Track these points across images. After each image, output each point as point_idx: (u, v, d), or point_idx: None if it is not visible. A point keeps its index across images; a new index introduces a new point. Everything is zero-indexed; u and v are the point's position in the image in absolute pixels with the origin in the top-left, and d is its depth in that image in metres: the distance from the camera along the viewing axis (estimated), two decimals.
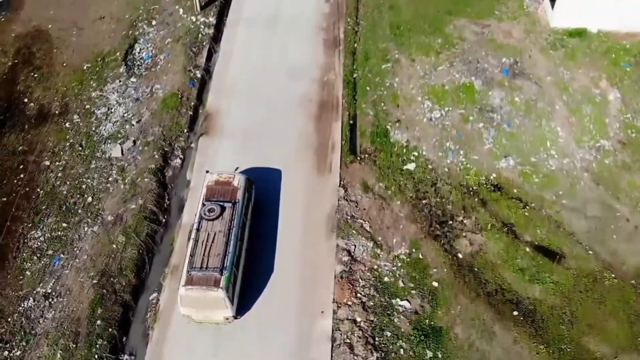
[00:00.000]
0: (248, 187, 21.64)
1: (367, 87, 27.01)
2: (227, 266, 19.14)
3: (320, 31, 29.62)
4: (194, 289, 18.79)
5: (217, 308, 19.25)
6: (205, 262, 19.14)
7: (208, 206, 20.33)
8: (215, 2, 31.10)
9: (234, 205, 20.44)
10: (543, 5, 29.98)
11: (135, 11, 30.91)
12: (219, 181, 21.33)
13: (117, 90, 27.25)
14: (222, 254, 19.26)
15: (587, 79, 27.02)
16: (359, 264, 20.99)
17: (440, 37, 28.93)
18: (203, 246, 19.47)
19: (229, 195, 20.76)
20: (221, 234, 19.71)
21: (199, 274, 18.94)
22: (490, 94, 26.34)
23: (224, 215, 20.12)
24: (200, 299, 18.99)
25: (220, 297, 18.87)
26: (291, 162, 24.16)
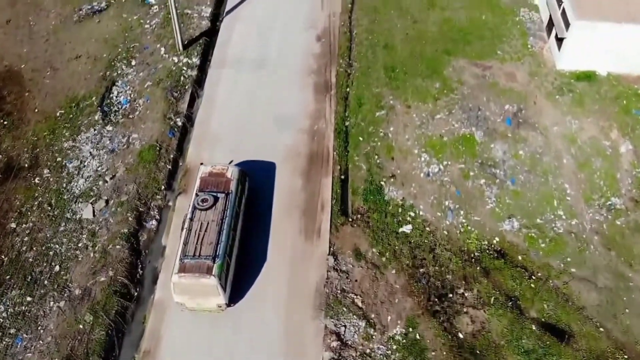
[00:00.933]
0: (241, 179, 21.87)
1: (359, 138, 25.13)
2: (219, 254, 19.40)
3: (311, 74, 27.70)
4: (186, 276, 19.00)
5: (209, 295, 19.40)
6: (198, 251, 19.40)
7: (201, 196, 20.64)
8: (199, 41, 29.30)
9: (227, 196, 20.74)
10: (548, 45, 28.18)
11: (114, 49, 29.02)
12: (212, 173, 21.61)
13: (92, 140, 25.34)
14: (214, 242, 19.55)
15: (596, 128, 25.20)
16: (349, 349, 19.02)
17: (438, 81, 27.07)
18: (196, 235, 19.74)
19: (222, 186, 21.07)
20: (214, 223, 19.99)
21: (192, 261, 19.18)
22: (492, 146, 24.50)
23: (217, 206, 20.41)
24: (193, 287, 19.15)
25: (213, 285, 19.05)
26: (277, 226, 22.21)
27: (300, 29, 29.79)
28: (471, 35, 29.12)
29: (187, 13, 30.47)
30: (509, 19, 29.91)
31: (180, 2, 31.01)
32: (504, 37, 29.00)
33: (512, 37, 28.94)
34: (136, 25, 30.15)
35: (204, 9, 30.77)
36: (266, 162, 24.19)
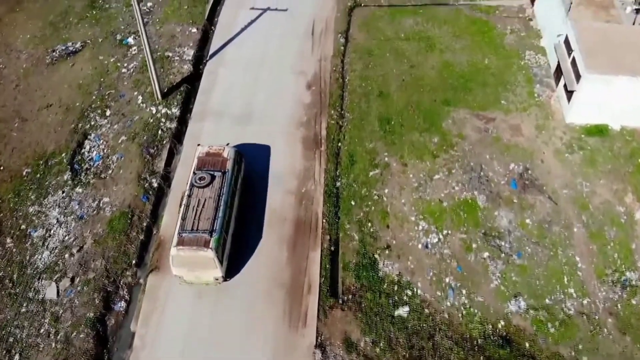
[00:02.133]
0: (237, 159, 22.68)
1: (351, 201, 23.05)
2: (216, 229, 20.09)
3: (300, 127, 25.57)
4: (184, 249, 19.69)
5: (207, 268, 20.03)
6: (196, 225, 20.09)
7: (199, 174, 21.36)
8: (179, 88, 27.22)
9: (224, 175, 21.55)
10: (557, 94, 26.12)
11: (88, 97, 26.86)
12: (209, 152, 22.39)
13: (60, 204, 23.21)
14: (211, 217, 20.27)
15: (609, 192, 23.15)
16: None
17: (437, 135, 25.02)
18: (194, 211, 20.45)
19: (219, 165, 21.88)
20: (211, 200, 20.73)
21: (190, 235, 19.89)
22: (496, 214, 22.44)
23: (213, 184, 21.18)
24: (191, 259, 19.80)
25: (210, 257, 19.72)
26: (258, 313, 19.98)
27: (289, 74, 27.66)
28: (473, 81, 27.07)
29: (167, 56, 28.37)
30: (513, 62, 27.89)
31: (160, 43, 29.11)
32: (509, 84, 26.96)
33: (517, 85, 26.89)
34: (113, 68, 28.07)
35: (186, 51, 28.67)
36: (249, 230, 22.16)
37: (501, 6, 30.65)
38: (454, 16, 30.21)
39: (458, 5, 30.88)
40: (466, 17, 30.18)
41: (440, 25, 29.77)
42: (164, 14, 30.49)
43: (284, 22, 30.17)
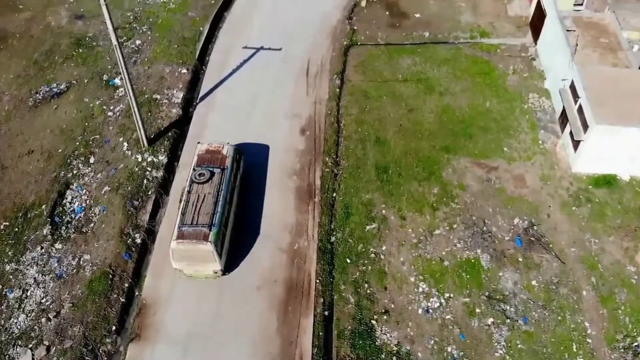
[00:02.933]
0: (236, 157, 23.23)
1: (347, 259, 21.75)
2: (215, 223, 20.56)
3: (293, 176, 24.35)
4: (184, 242, 20.13)
5: (206, 261, 20.45)
6: (196, 219, 20.55)
7: (198, 171, 21.95)
8: (167, 133, 26.10)
9: (223, 171, 22.10)
10: (562, 141, 24.97)
11: (71, 143, 25.63)
12: (209, 150, 22.98)
13: (38, 261, 21.82)
14: (211, 212, 20.77)
15: (619, 251, 21.84)
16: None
17: (437, 185, 23.82)
18: (193, 206, 20.94)
19: (218, 162, 22.44)
20: (210, 195, 21.24)
21: (190, 229, 20.32)
22: (500, 275, 21.11)
23: (213, 180, 21.68)
24: (191, 252, 20.22)
25: (209, 250, 20.12)
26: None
27: (283, 119, 26.50)
28: (474, 127, 25.91)
29: (155, 99, 27.21)
30: (516, 106, 26.76)
31: (148, 85, 27.95)
32: (512, 129, 25.82)
33: (520, 130, 25.74)
34: (98, 112, 26.90)
35: (175, 93, 27.51)
36: (237, 294, 20.78)
37: (503, 45, 29.61)
38: (454, 56, 29.15)
39: (458, 44, 29.82)
40: (466, 56, 29.12)
41: (439, 66, 28.70)
42: (152, 53, 29.39)
43: (277, 62, 29.08)
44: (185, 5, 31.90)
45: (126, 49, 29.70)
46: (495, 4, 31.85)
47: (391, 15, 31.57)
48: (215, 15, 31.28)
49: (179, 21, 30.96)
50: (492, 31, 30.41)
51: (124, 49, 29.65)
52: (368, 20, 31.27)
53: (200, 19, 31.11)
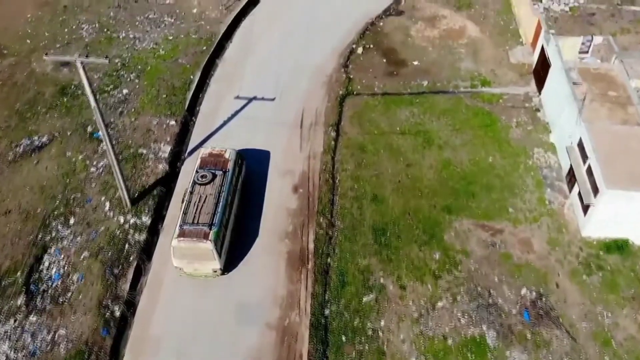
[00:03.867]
0: (238, 161, 24.02)
1: (342, 336, 20.09)
2: (216, 223, 21.25)
3: (285, 239, 22.86)
4: (185, 240, 20.83)
5: (206, 259, 21.05)
6: (197, 219, 21.30)
7: (201, 173, 22.78)
8: (151, 192, 24.70)
9: (225, 174, 22.85)
10: (570, 202, 23.65)
11: (51, 202, 24.19)
12: (212, 153, 23.86)
13: (11, 335, 20.10)
14: (211, 212, 21.50)
15: (634, 325, 20.22)
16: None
17: (439, 250, 22.36)
18: (195, 206, 21.70)
19: (220, 165, 23.23)
20: (211, 196, 21.99)
21: (191, 228, 21.06)
22: (508, 354, 19.50)
23: (215, 181, 22.49)
24: (191, 250, 20.88)
25: (209, 249, 20.79)
26: None
27: (275, 175, 25.12)
28: (476, 184, 24.57)
29: (141, 153, 25.86)
30: (520, 162, 25.41)
31: (134, 138, 26.63)
32: (516, 187, 24.45)
33: (525, 189, 24.36)
34: (80, 167, 25.50)
35: (162, 147, 26.14)
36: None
37: (505, 94, 28.43)
38: (454, 106, 27.92)
39: (458, 94, 28.62)
40: (467, 107, 27.89)
41: (438, 117, 27.42)
42: (140, 103, 28.12)
43: (271, 113, 27.81)
44: (176, 52, 30.77)
45: (113, 98, 28.49)
46: (496, 50, 30.77)
47: (388, 63, 30.45)
48: (207, 62, 30.11)
49: (169, 68, 29.77)
50: (494, 79, 29.25)
51: (111, 99, 28.58)
52: (364, 68, 30.15)
53: (191, 66, 29.92)
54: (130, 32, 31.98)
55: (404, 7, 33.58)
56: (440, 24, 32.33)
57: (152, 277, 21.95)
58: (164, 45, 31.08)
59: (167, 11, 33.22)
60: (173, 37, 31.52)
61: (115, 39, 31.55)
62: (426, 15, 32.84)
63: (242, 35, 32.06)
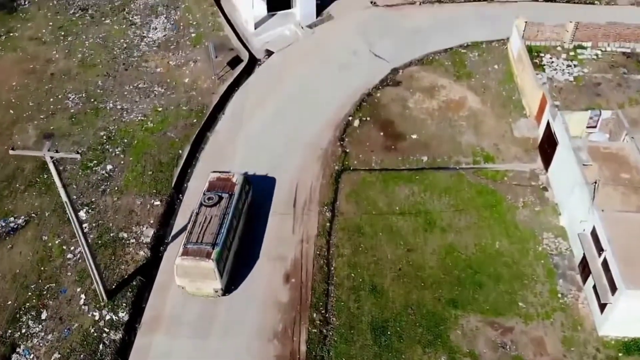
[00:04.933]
0: (245, 185, 24.65)
1: None
2: (219, 243, 21.74)
3: (273, 339, 20.67)
4: (188, 259, 21.32)
5: (207, 279, 21.44)
6: (201, 238, 21.84)
7: (208, 195, 23.45)
8: (131, 283, 22.76)
9: (231, 197, 23.50)
10: (584, 295, 21.77)
11: (23, 293, 22.20)
12: (220, 178, 24.60)
13: None
14: (215, 232, 22.04)
15: None
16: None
17: (444, 352, 20.25)
18: (200, 226, 22.27)
19: (227, 188, 23.90)
20: (217, 217, 22.57)
21: (194, 247, 21.58)
22: None
23: (220, 203, 23.08)
24: (193, 269, 21.29)
25: (211, 268, 21.19)
26: None
27: (265, 262, 23.34)
28: (483, 273, 22.75)
29: (121, 238, 24.11)
30: (529, 248, 23.66)
31: (115, 221, 24.95)
32: (526, 278, 22.61)
33: (536, 279, 22.52)
34: (57, 253, 23.72)
35: (144, 231, 24.41)
36: None
37: (510, 171, 26.88)
38: (456, 184, 26.37)
39: (459, 170, 27.11)
40: (470, 184, 26.36)
41: (440, 196, 25.84)
42: (124, 181, 26.53)
43: (261, 190, 25.94)
44: (165, 124, 29.39)
45: (96, 175, 26.90)
46: (498, 123, 29.41)
47: (386, 136, 29.05)
48: (197, 135, 28.73)
49: (156, 142, 28.34)
50: (497, 155, 27.80)
51: (94, 176, 27.02)
52: (361, 142, 28.73)
53: (180, 139, 28.50)
54: (118, 102, 30.80)
55: (401, 77, 32.33)
56: (439, 94, 31.12)
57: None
58: (152, 117, 29.78)
59: (157, 80, 32.11)
60: (163, 108, 30.28)
61: (102, 110, 30.32)
62: (424, 86, 31.68)
63: (235, 107, 30.72)
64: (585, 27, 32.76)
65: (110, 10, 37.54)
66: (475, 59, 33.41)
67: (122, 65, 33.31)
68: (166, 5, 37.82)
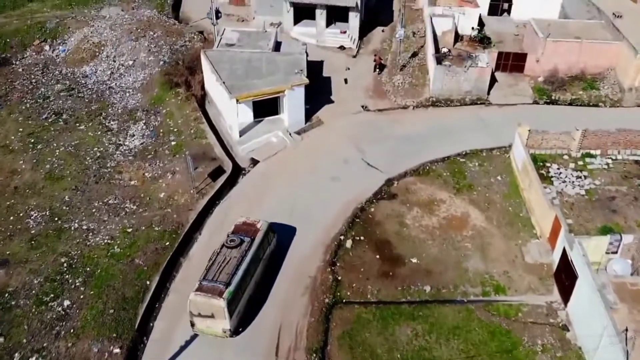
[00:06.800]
0: (268, 232, 25.18)
1: None
2: (233, 283, 22.24)
3: None
4: (201, 295, 21.84)
5: (217, 317, 21.84)
6: (216, 277, 22.43)
7: (231, 237, 24.10)
8: None
9: (252, 241, 24.11)
10: None
11: None
12: (246, 222, 25.27)
13: None
14: (231, 273, 22.56)
15: None
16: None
17: None
18: (218, 265, 22.91)
19: (250, 233, 24.53)
20: (235, 259, 23.18)
21: (209, 284, 22.20)
22: None
23: (241, 246, 23.73)
24: (204, 306, 21.76)
25: (221, 306, 21.60)
26: None
27: None
28: None
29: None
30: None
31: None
32: None
33: None
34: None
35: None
36: None
37: (524, 305, 23.58)
38: (465, 322, 22.97)
39: (468, 304, 23.84)
40: (480, 323, 22.95)
41: (447, 337, 22.32)
42: (82, 321, 22.89)
43: (239, 337, 22.55)
44: (133, 249, 26.09)
45: (51, 312, 23.34)
46: (507, 245, 26.35)
47: (382, 260, 25.89)
48: (169, 261, 25.54)
49: (122, 272, 24.93)
50: (508, 284, 24.59)
51: (48, 313, 23.50)
52: (355, 268, 25.49)
53: (148, 268, 25.16)
54: (84, 221, 27.69)
55: (396, 189, 29.71)
56: (439, 210, 28.33)
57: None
58: (120, 239, 26.57)
59: (130, 195, 29.22)
60: (132, 229, 27.15)
61: (66, 231, 27.15)
62: (422, 200, 28.97)
63: (214, 226, 27.72)
64: (593, 135, 30.74)
65: (86, 115, 35.48)
66: (475, 169, 31.01)
67: (93, 177, 30.62)
68: (146, 110, 35.85)
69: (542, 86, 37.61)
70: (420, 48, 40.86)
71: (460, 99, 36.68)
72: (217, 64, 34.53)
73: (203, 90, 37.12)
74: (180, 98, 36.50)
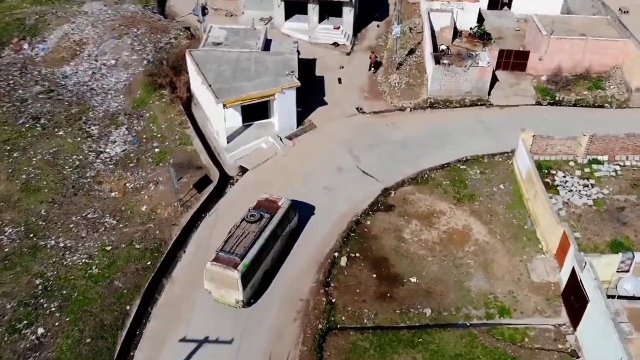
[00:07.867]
0: (289, 210, 25.54)
1: None
2: (249, 256, 22.77)
3: None
4: (217, 265, 22.50)
5: (231, 288, 22.48)
6: (233, 249, 23.00)
7: (251, 212, 24.63)
8: None
9: (272, 217, 24.51)
10: None
11: None
12: (268, 199, 25.66)
13: None
14: (248, 246, 23.11)
15: None
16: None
17: None
18: (236, 238, 23.48)
19: (271, 209, 24.93)
20: (253, 233, 23.66)
21: (225, 255, 22.79)
22: None
23: (261, 222, 24.16)
24: (219, 276, 22.48)
25: (235, 278, 22.16)
26: None
27: None
28: None
29: None
30: None
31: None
32: None
33: None
34: None
35: None
36: None
37: (531, 329, 22.04)
38: (468, 349, 21.38)
39: (470, 328, 22.31)
40: (485, 350, 21.37)
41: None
42: (57, 351, 21.15)
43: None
44: (113, 269, 24.34)
45: (24, 341, 21.63)
46: (512, 262, 24.81)
47: (379, 279, 24.29)
48: (150, 283, 23.87)
49: (100, 295, 23.22)
50: (514, 305, 23.05)
51: (21, 342, 21.77)
52: (350, 288, 23.82)
53: (128, 290, 23.46)
54: (61, 238, 25.86)
55: (393, 199, 28.06)
56: (438, 222, 26.71)
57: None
58: (99, 259, 24.78)
59: (111, 209, 27.34)
60: (112, 247, 25.34)
61: (42, 249, 25.31)
62: (421, 211, 27.33)
63: (200, 241, 26.07)
64: (600, 140, 29.14)
65: (65, 120, 33.38)
66: (477, 176, 29.36)
67: (72, 188, 28.69)
68: (128, 114, 33.86)
69: (545, 86, 35.87)
70: (417, 45, 39.11)
71: (460, 100, 34.92)
72: (203, 65, 32.62)
73: (189, 92, 35.24)
74: (165, 100, 34.58)
